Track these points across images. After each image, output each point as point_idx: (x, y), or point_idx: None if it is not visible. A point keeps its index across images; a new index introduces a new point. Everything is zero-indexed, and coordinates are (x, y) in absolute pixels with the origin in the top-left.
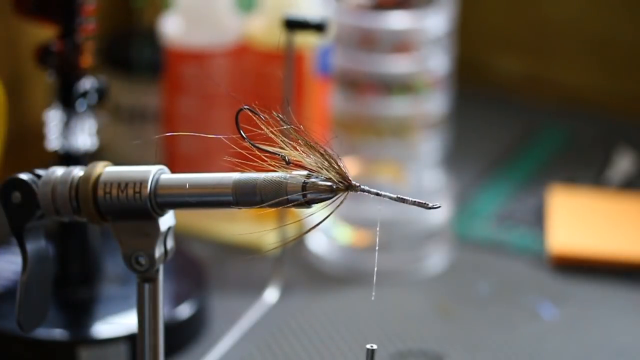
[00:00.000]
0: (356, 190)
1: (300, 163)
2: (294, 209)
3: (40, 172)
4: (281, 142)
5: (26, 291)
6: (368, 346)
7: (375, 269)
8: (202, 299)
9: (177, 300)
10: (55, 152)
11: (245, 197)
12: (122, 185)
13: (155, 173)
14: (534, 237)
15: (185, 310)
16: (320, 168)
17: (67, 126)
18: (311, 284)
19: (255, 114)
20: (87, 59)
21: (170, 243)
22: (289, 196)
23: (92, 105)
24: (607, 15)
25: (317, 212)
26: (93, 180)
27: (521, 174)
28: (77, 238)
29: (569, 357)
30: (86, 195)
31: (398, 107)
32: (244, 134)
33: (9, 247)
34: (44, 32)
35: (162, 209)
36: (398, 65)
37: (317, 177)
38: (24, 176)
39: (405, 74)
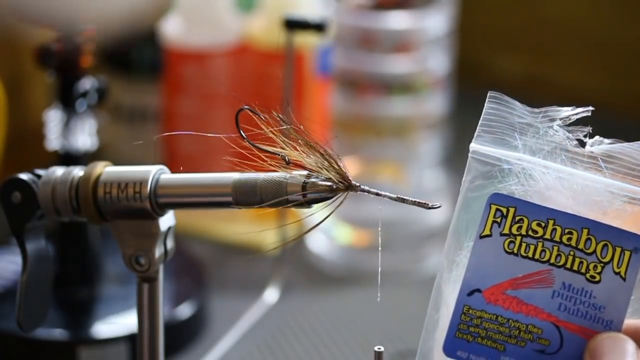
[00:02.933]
0: (356, 190)
1: (300, 163)
2: (294, 209)
3: (40, 172)
4: (281, 142)
5: (26, 291)
6: (376, 348)
7: (380, 269)
8: (202, 299)
9: (177, 300)
10: (55, 152)
11: (245, 197)
12: (122, 185)
13: (155, 173)
14: None
15: (185, 310)
16: (320, 168)
17: (67, 126)
18: (311, 284)
19: (255, 114)
20: (87, 59)
21: (170, 243)
22: (289, 196)
23: (92, 105)
24: (607, 15)
25: (317, 212)
26: (93, 180)
27: None
28: (77, 238)
29: None
30: (86, 195)
31: (398, 107)
32: (244, 134)
33: (9, 247)
34: (44, 32)
35: (162, 209)
36: (398, 65)
37: (317, 177)
38: (24, 176)
39: (405, 74)
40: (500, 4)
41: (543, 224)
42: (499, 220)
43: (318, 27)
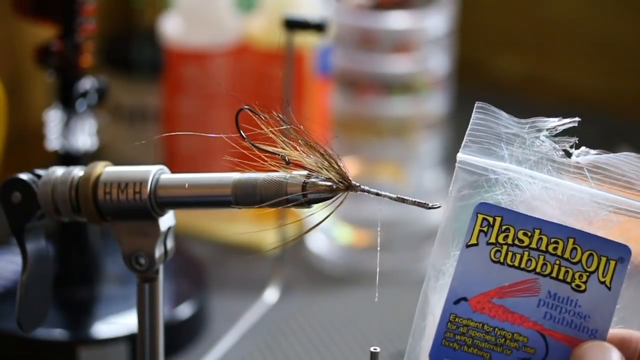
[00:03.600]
0: (356, 190)
1: (300, 163)
2: (294, 209)
3: (40, 172)
4: (281, 142)
5: (26, 291)
6: (372, 349)
7: (378, 269)
8: (202, 299)
9: (177, 300)
10: (55, 152)
11: (245, 197)
12: (122, 185)
13: (155, 173)
14: None
15: (185, 310)
16: (320, 168)
17: (67, 126)
18: (311, 284)
19: (255, 114)
20: (87, 59)
21: (170, 243)
22: (289, 196)
23: (92, 105)
24: (607, 15)
25: (317, 212)
26: (93, 180)
27: None
28: (77, 238)
29: None
30: (86, 195)
31: (398, 107)
32: (244, 134)
33: (9, 247)
34: (44, 32)
35: (162, 209)
36: (398, 65)
37: (317, 177)
38: (24, 176)
39: (405, 74)
40: (500, 4)
41: (529, 234)
42: (485, 229)
43: (318, 27)
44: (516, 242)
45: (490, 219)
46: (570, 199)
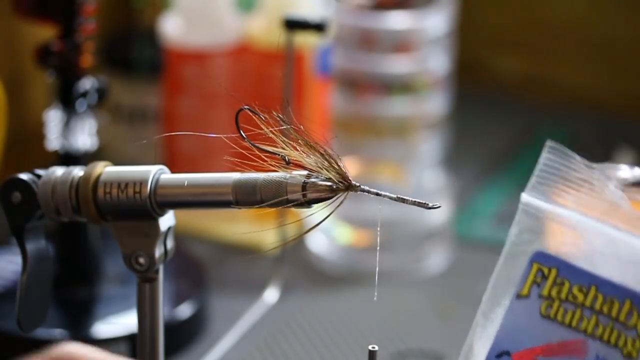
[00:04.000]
0: (356, 190)
1: (300, 163)
2: (294, 209)
3: (40, 172)
4: (281, 142)
5: (26, 291)
6: (370, 347)
7: (377, 269)
8: (202, 299)
9: (177, 300)
10: (55, 152)
11: (245, 197)
12: (122, 185)
13: (155, 173)
14: None
15: (185, 310)
16: (320, 168)
17: (67, 126)
18: (311, 284)
19: (255, 114)
20: (87, 59)
21: (170, 243)
22: (289, 196)
23: (92, 105)
24: (607, 15)
25: (317, 212)
26: (93, 180)
27: (521, 174)
28: (77, 238)
29: None
30: (86, 195)
31: (398, 107)
32: (244, 134)
33: (9, 247)
34: (44, 32)
35: (162, 208)
36: (398, 65)
37: (317, 177)
38: (24, 176)
39: (405, 74)
40: (500, 4)
41: (584, 290)
42: (539, 280)
43: (318, 27)
44: (570, 297)
45: (546, 270)
46: (634, 258)
